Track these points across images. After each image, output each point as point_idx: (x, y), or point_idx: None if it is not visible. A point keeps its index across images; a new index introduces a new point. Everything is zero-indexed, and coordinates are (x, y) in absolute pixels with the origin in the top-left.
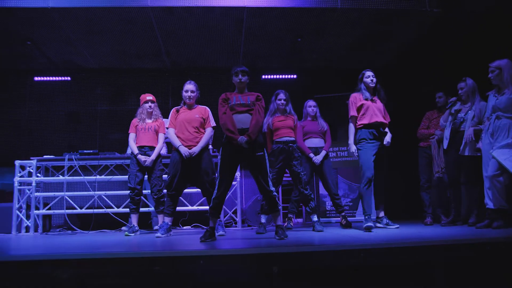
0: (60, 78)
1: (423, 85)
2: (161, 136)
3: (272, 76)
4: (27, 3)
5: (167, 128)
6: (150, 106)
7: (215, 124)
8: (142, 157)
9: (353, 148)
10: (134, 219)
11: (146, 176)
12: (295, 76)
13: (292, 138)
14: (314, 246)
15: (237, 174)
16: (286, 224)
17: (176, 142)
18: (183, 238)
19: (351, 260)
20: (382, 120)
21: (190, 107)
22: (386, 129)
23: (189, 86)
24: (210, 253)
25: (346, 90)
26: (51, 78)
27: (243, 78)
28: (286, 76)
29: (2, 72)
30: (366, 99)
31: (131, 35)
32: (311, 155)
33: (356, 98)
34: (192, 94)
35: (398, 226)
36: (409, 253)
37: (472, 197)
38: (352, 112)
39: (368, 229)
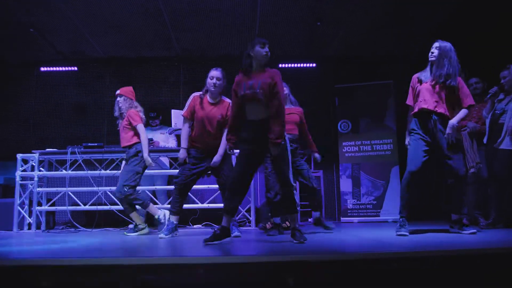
0: (67, 69)
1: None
2: (139, 128)
3: (290, 65)
4: None
5: (183, 116)
6: (117, 102)
7: None
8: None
9: None
10: (134, 217)
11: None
12: (314, 65)
13: (296, 135)
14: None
15: None
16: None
17: (184, 142)
18: (188, 240)
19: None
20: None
21: (214, 99)
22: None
23: (215, 73)
24: (212, 260)
25: (369, 79)
26: (58, 69)
27: (269, 52)
28: (305, 65)
29: (7, 62)
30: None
31: (138, 21)
32: (317, 155)
33: None
34: (218, 82)
35: (474, 231)
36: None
37: None
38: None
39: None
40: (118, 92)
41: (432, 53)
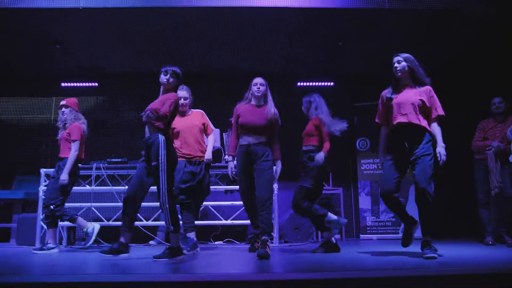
0: (87, 84)
1: (479, 91)
2: (74, 145)
3: (307, 84)
4: (58, 3)
5: None
6: (63, 112)
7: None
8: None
9: None
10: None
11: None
12: (332, 84)
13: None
14: None
15: (275, 185)
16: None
17: None
18: (212, 256)
19: None
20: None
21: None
22: None
23: (181, 93)
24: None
25: None
26: (78, 84)
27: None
28: (323, 84)
29: (29, 77)
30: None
31: (163, 38)
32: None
33: None
34: (185, 102)
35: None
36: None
37: None
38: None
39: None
40: (63, 102)
41: (396, 67)
